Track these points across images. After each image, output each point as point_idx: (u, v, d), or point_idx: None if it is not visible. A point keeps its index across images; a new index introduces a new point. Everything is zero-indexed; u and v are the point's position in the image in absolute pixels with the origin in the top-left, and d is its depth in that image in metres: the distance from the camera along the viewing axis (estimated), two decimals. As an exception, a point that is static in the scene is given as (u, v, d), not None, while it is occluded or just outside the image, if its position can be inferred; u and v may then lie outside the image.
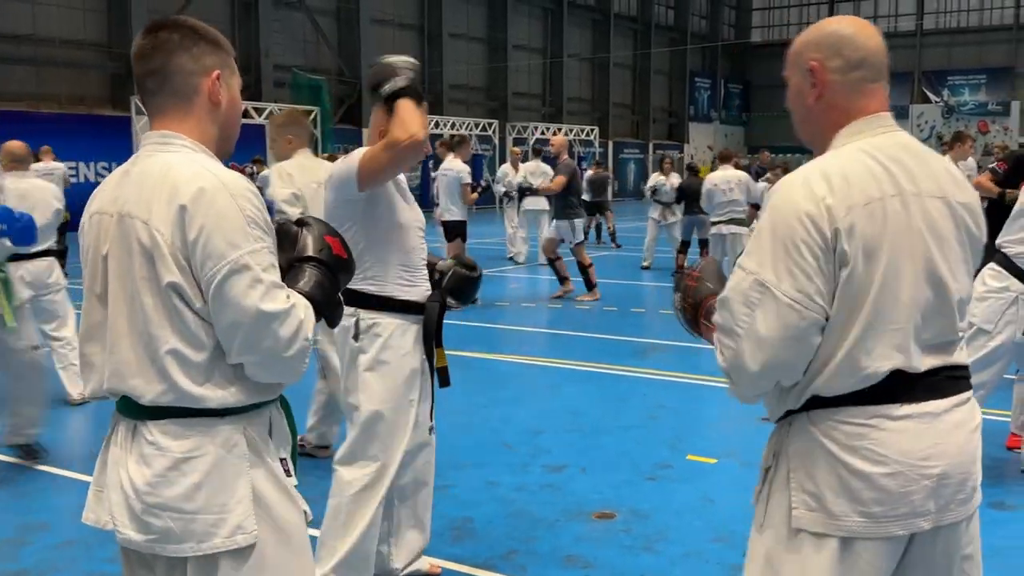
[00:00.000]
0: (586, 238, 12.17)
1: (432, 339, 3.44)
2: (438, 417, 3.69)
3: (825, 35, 1.98)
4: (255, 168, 17.00)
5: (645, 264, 14.46)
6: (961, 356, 1.98)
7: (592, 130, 36.16)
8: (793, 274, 1.81)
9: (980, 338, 4.68)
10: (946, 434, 1.89)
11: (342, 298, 2.15)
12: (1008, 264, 4.69)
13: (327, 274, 2.05)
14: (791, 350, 1.84)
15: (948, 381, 1.93)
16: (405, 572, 3.67)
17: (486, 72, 34.86)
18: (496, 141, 31.79)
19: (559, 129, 33.55)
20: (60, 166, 13.83)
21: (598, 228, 18.69)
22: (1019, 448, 5.11)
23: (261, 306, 1.84)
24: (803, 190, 1.85)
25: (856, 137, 1.94)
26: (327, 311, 2.05)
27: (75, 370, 6.54)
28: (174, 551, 1.92)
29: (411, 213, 3.44)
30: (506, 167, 15.38)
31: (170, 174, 1.88)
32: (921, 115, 45.05)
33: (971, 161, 12.41)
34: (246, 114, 23.38)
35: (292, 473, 2.05)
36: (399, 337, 3.36)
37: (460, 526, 4.28)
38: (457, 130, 29.19)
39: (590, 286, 11.31)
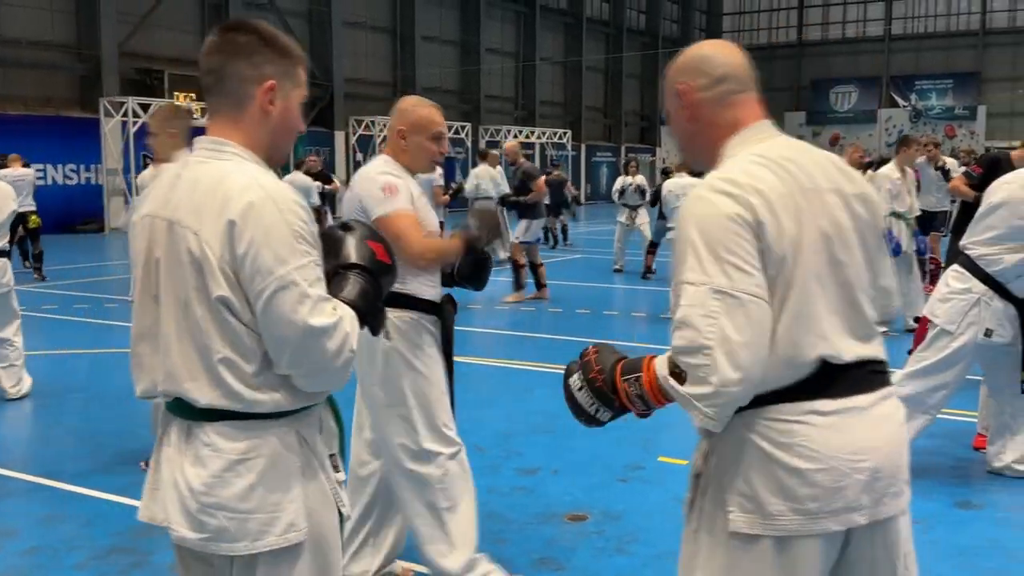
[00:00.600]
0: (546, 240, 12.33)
1: (451, 340, 3.55)
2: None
3: (687, 59, 2.09)
4: None
5: (617, 267, 14.52)
6: (881, 351, 2.01)
7: (564, 133, 36.26)
8: (744, 271, 1.82)
9: (943, 339, 4.73)
10: (874, 428, 1.92)
11: (383, 306, 2.18)
12: (971, 266, 4.74)
13: (370, 281, 2.08)
14: (762, 346, 1.81)
15: (873, 375, 1.97)
16: (380, 574, 3.68)
17: (459, 75, 34.86)
18: (469, 144, 31.77)
19: (531, 132, 33.62)
20: (29, 172, 13.71)
21: (564, 230, 18.86)
22: (985, 448, 5.17)
23: (309, 321, 1.87)
24: (720, 195, 1.88)
25: (742, 147, 2.00)
26: (370, 319, 2.08)
27: (15, 368, 6.66)
28: (228, 549, 1.96)
29: (430, 217, 3.52)
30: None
31: (222, 185, 1.90)
32: (889, 119, 45.59)
33: (952, 160, 12.54)
34: (216, 116, 23.20)
35: (340, 468, 2.12)
36: (426, 333, 3.48)
37: (432, 529, 4.26)
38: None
39: (518, 286, 11.42)
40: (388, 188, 3.31)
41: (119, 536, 4.20)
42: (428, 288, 3.48)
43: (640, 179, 14.79)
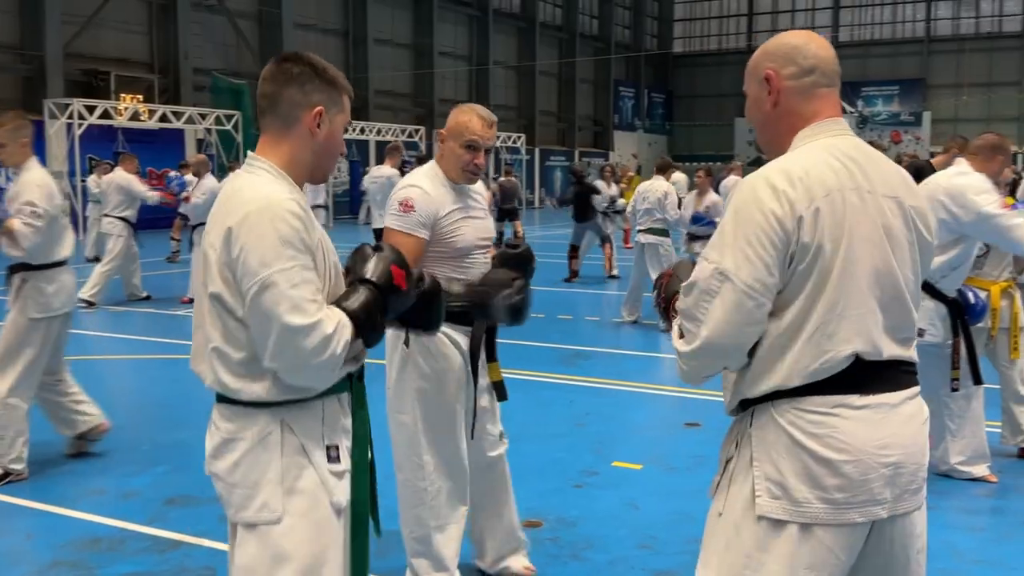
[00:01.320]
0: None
1: (478, 352, 3.45)
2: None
3: (779, 45, 2.12)
4: (181, 174, 16.41)
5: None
6: (914, 353, 2.07)
7: (519, 137, 36.29)
8: (752, 262, 1.92)
9: None
10: (901, 425, 1.99)
11: (383, 322, 2.29)
12: None
13: (377, 297, 2.23)
14: (741, 333, 1.96)
15: (902, 375, 2.03)
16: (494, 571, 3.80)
17: (412, 78, 34.73)
18: (423, 147, 31.66)
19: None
20: None
21: (515, 234, 18.89)
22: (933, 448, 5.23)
23: (285, 318, 2.06)
24: (764, 185, 1.95)
25: (813, 138, 2.06)
26: (367, 331, 2.22)
27: None
28: (226, 513, 2.29)
29: (474, 233, 3.42)
30: None
31: (233, 197, 2.17)
32: (837, 125, 46.27)
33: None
34: (164, 119, 22.88)
35: (341, 459, 2.27)
36: (447, 344, 3.39)
37: (386, 538, 4.20)
38: (383, 136, 29.01)
39: None
40: (404, 204, 3.30)
41: (62, 549, 4.09)
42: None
43: (613, 189, 14.97)
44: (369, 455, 2.38)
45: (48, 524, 4.44)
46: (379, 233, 11.16)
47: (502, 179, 17.88)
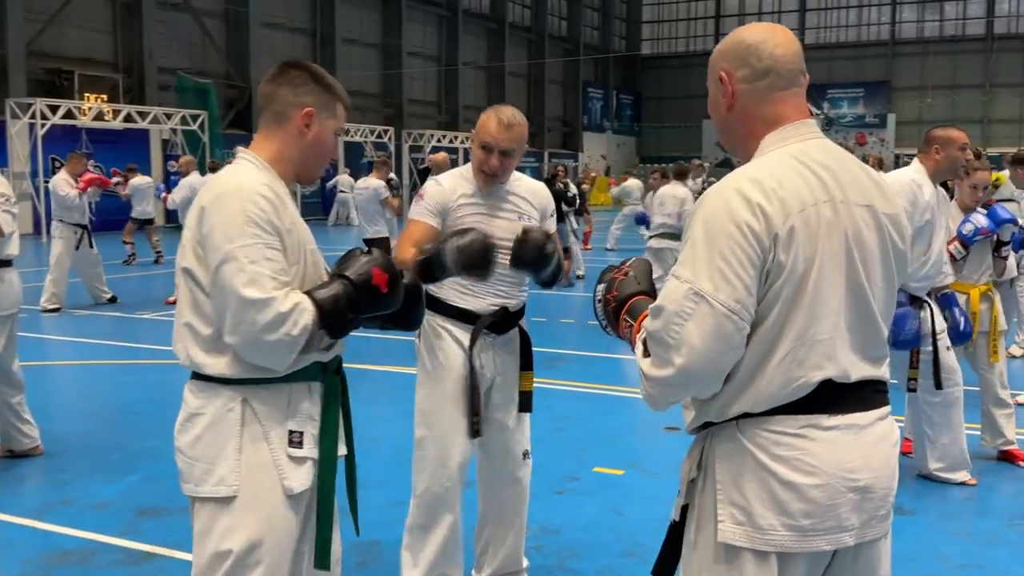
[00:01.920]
0: None
1: (473, 347, 3.39)
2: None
3: (734, 44, 1.96)
4: (127, 176, 16.06)
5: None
6: (885, 372, 1.96)
7: (487, 138, 36.22)
8: (730, 282, 1.76)
9: None
10: (871, 447, 1.88)
11: (353, 317, 2.30)
12: None
13: (350, 293, 2.26)
14: (720, 361, 1.80)
15: (872, 394, 1.92)
16: None
17: (381, 78, 34.55)
18: (392, 148, 31.52)
19: (455, 136, 33.48)
20: None
21: None
22: (911, 453, 5.22)
23: (241, 291, 2.15)
24: (738, 197, 1.80)
25: (783, 143, 1.91)
26: (331, 321, 2.25)
27: None
28: (183, 488, 2.34)
29: (488, 229, 3.31)
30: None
31: (211, 182, 2.32)
32: (804, 127, 46.70)
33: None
34: (128, 119, 22.58)
35: (303, 445, 2.32)
36: (449, 341, 3.40)
37: (365, 550, 4.13)
38: (352, 137, 28.85)
39: None
40: (419, 195, 3.44)
41: (31, 563, 3.97)
42: (463, 297, 3.39)
43: (571, 187, 15.15)
44: (344, 449, 2.44)
45: (15, 537, 4.30)
46: (369, 243, 11.13)
47: None
